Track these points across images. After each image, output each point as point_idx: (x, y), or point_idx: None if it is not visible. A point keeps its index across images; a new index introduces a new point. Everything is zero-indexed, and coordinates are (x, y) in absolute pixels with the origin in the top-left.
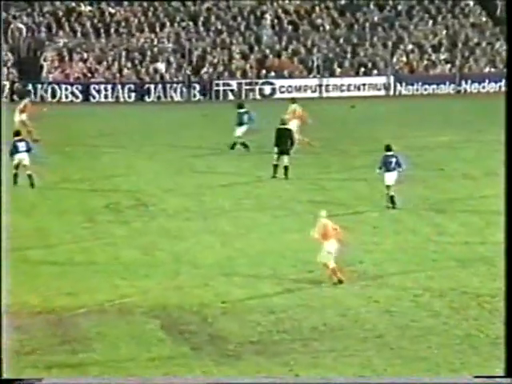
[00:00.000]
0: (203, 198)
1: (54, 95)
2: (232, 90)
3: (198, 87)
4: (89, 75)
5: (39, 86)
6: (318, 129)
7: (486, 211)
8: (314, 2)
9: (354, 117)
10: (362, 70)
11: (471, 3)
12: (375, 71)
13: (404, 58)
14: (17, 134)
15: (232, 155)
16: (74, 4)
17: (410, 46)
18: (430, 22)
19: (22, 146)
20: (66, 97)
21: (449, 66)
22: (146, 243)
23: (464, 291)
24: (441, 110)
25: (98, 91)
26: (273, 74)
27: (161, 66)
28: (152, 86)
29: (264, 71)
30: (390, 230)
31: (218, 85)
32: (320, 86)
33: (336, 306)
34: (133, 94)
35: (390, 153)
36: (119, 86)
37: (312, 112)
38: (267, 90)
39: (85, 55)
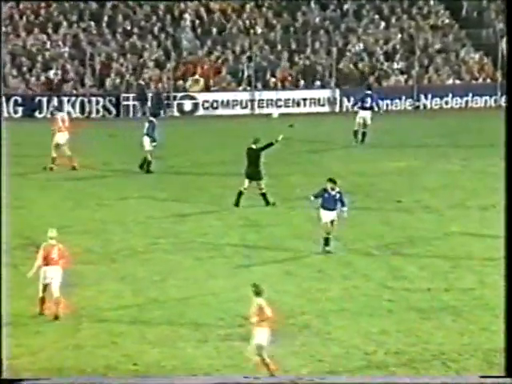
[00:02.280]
0: (110, 237)
1: None
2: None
3: (102, 101)
4: None
5: None
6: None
7: (451, 251)
8: None
9: (293, 137)
10: (302, 81)
11: (431, 1)
12: (318, 83)
13: (352, 68)
14: None
15: (145, 183)
16: None
17: (359, 53)
18: (382, 24)
19: None
20: None
21: (405, 76)
22: (37, 292)
23: (425, 348)
24: (396, 130)
25: None
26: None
27: (55, 75)
28: (44, 100)
29: (184, 83)
30: (337, 274)
31: (127, 99)
32: (252, 100)
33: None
34: (20, 109)
35: (334, 186)
36: (3, 99)
37: (242, 132)
38: (188, 105)
39: None
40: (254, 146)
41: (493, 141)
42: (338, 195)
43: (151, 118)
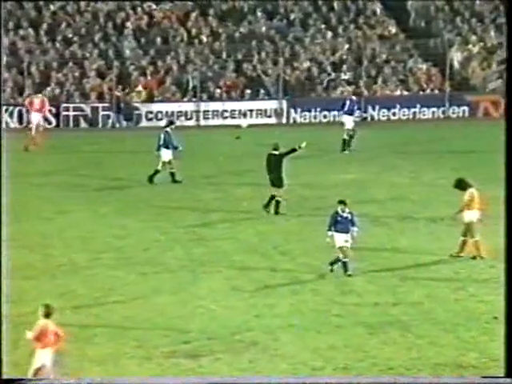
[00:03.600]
0: (50, 251)
1: None
2: (85, 116)
3: None
4: None
5: None
6: (194, 164)
7: (399, 265)
8: (188, 7)
9: (239, 149)
10: (248, 92)
11: (378, 11)
12: (264, 94)
13: (299, 78)
14: None
15: (86, 196)
16: None
17: (306, 64)
18: (329, 33)
19: None
20: None
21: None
22: None
23: (373, 363)
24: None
25: None
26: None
27: None
28: None
29: (126, 93)
30: (284, 289)
31: (66, 109)
32: (197, 111)
33: None
34: None
35: (344, 208)
36: None
37: (187, 143)
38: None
39: None
40: (275, 153)
41: (441, 153)
42: (349, 216)
43: (167, 129)
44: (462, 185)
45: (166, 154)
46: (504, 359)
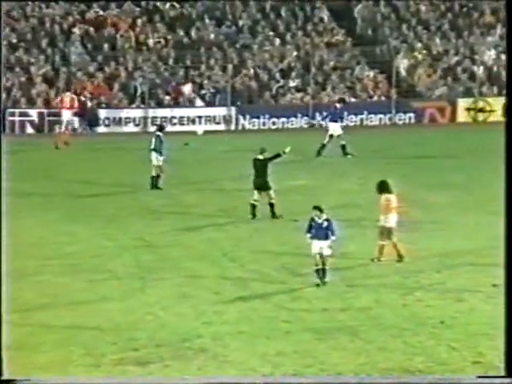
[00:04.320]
0: None
1: None
2: (32, 122)
3: None
4: None
5: None
6: (142, 171)
7: (347, 270)
8: (135, 13)
9: (189, 156)
10: (197, 98)
11: (326, 18)
12: (213, 100)
13: (247, 85)
14: None
15: (35, 202)
16: None
17: (255, 70)
18: (278, 40)
19: None
20: None
21: (300, 94)
22: None
23: (322, 368)
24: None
25: None
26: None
27: None
28: None
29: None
30: (233, 296)
31: (12, 114)
32: (145, 118)
33: None
34: None
35: (320, 214)
36: None
37: (135, 151)
38: (77, 122)
39: None
40: (261, 157)
41: (389, 158)
42: (325, 223)
43: (158, 133)
44: (383, 187)
45: (157, 158)
46: (504, 359)
